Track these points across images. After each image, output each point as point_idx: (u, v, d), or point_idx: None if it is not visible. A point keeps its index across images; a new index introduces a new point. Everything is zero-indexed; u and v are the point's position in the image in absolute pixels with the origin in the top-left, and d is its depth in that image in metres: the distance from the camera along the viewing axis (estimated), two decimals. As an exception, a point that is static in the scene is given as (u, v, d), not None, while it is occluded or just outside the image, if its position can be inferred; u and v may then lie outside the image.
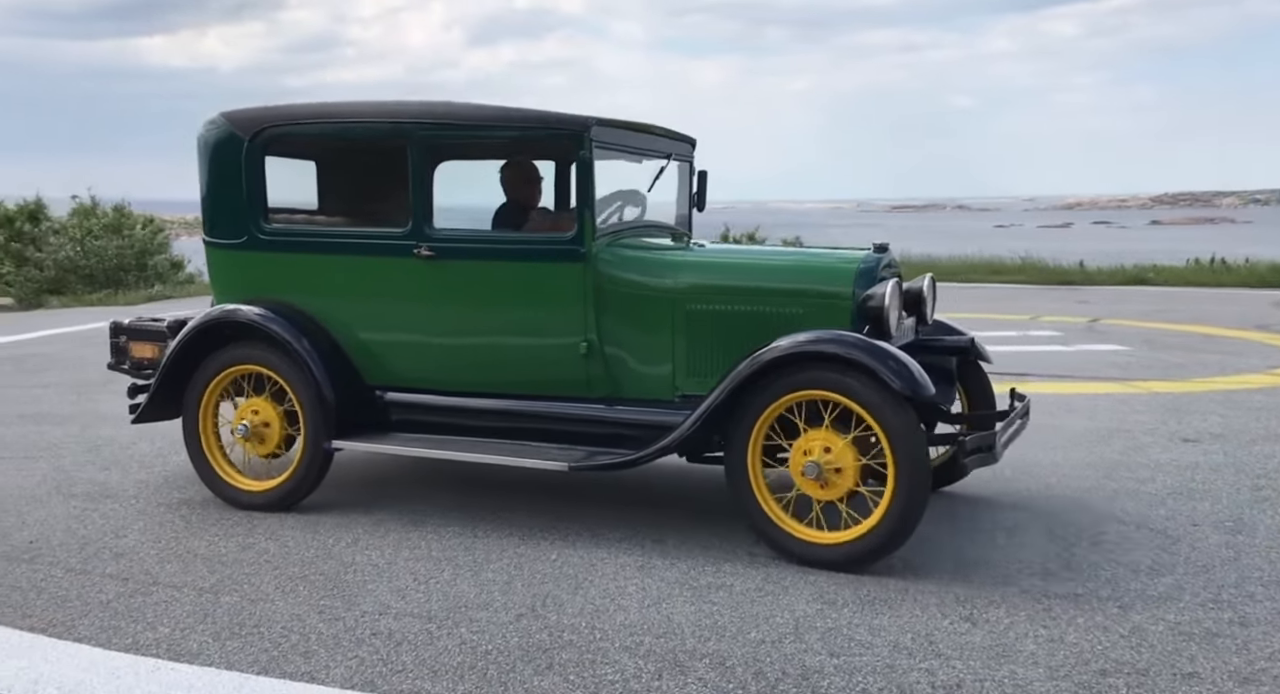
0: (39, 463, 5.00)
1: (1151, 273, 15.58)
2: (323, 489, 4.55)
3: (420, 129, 4.11)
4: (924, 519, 4.11)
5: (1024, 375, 7.42)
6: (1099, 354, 8.45)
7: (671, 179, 4.71)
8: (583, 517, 4.15)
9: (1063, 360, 8.12)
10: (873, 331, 3.70)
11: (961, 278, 15.85)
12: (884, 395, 3.40)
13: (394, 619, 3.14)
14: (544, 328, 4.05)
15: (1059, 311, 11.55)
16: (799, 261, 4.21)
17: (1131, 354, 8.42)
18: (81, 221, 16.46)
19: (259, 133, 4.33)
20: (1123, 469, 4.89)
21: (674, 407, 3.90)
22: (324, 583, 3.45)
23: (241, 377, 4.35)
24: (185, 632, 3.04)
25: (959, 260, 17.24)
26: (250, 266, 4.41)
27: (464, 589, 3.39)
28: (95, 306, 12.92)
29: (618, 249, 4.06)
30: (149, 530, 3.99)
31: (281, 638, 3.00)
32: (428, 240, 4.10)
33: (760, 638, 3.00)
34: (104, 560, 3.65)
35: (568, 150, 4.07)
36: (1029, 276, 15.58)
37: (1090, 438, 5.51)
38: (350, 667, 2.81)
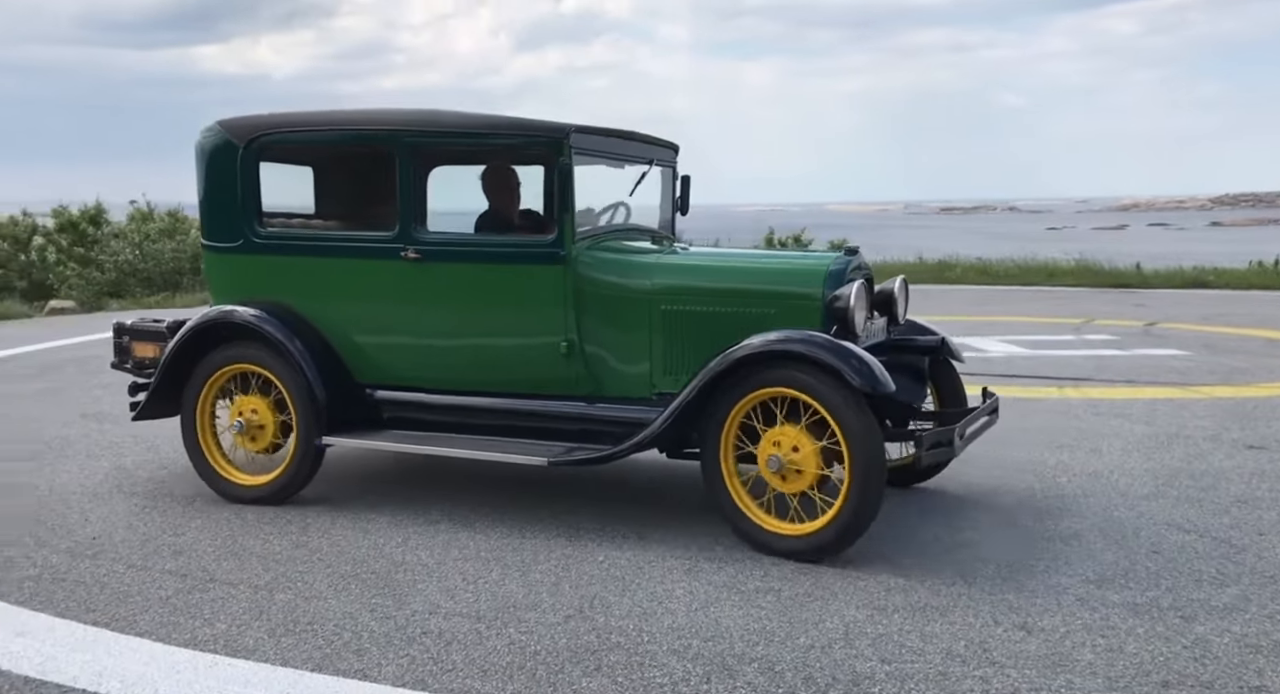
0: (101, 461, 5.14)
1: (1211, 275, 15.17)
2: (372, 489, 4.62)
3: (407, 136, 4.25)
4: (976, 525, 4.04)
5: (1080, 380, 7.27)
6: (1157, 358, 8.24)
7: (655, 184, 4.82)
8: (629, 519, 4.15)
9: (1119, 365, 7.94)
10: (840, 331, 3.82)
11: (1014, 280, 15.59)
12: (843, 395, 3.53)
13: (444, 618, 3.17)
14: (526, 328, 4.18)
15: (1114, 315, 11.29)
16: (772, 264, 4.36)
17: (1191, 358, 8.21)
18: (139, 226, 16.91)
19: (253, 140, 4.48)
20: (1184, 476, 4.76)
21: (652, 404, 4.01)
22: (375, 581, 3.49)
23: (237, 375, 4.49)
24: (241, 628, 3.09)
25: (1011, 263, 16.96)
26: (246, 269, 4.56)
27: (512, 589, 3.41)
28: (154, 308, 13.26)
29: (597, 252, 4.19)
30: (206, 528, 4.08)
31: (334, 635, 3.04)
32: (415, 243, 4.24)
33: (809, 643, 2.97)
34: (163, 557, 3.74)
35: (548, 157, 4.16)
36: (1083, 279, 15.26)
37: (1149, 444, 5.38)
38: (401, 665, 2.84)
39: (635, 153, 4.64)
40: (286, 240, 4.57)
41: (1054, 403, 6.53)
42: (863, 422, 3.52)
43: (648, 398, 4.07)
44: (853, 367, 3.53)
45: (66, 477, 4.83)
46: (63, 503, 4.40)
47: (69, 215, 16.80)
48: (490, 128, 4.26)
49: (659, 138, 4.77)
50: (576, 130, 4.09)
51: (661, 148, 4.82)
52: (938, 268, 17.08)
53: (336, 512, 4.29)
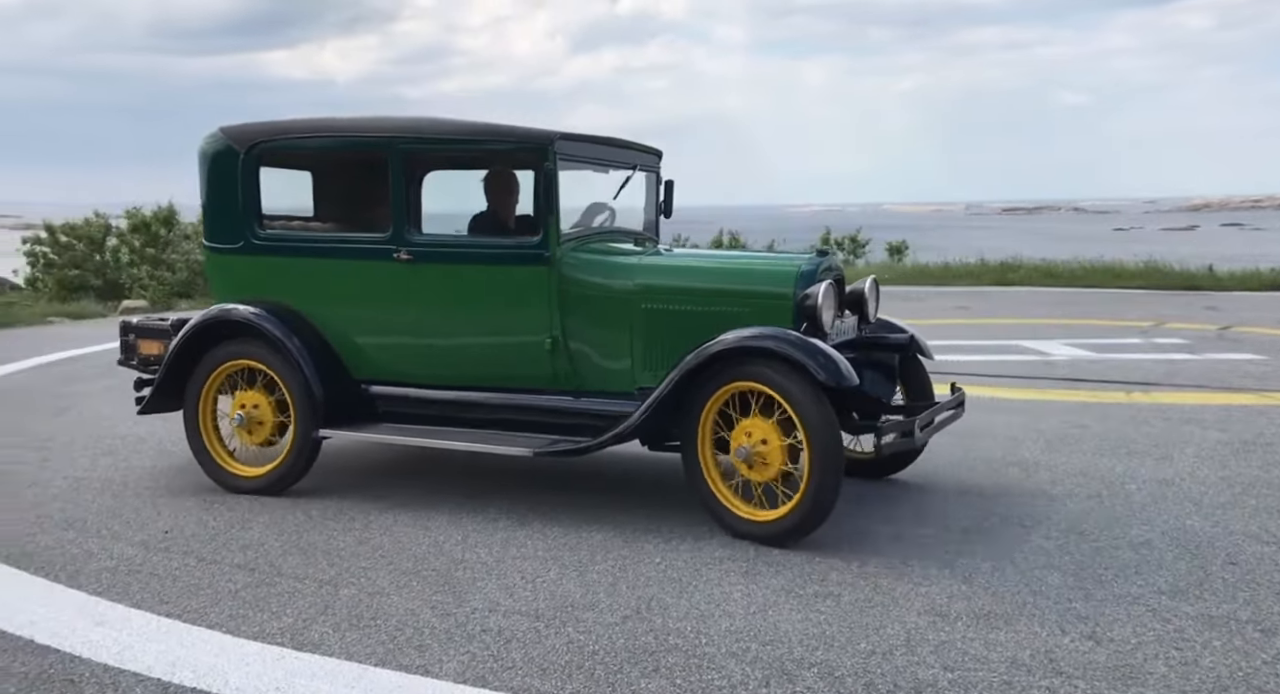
0: (172, 457, 5.28)
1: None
2: (431, 488, 4.68)
3: (401, 142, 4.43)
4: (1041, 532, 3.95)
5: (1149, 385, 7.07)
6: (1231, 363, 7.97)
7: (639, 188, 4.99)
8: (686, 520, 4.14)
9: (1191, 369, 7.70)
10: (810, 329, 3.98)
11: (1079, 282, 15.22)
12: (804, 390, 3.71)
13: (503, 616, 3.20)
14: (513, 326, 4.36)
15: (1186, 318, 10.95)
16: (746, 265, 4.50)
17: (1268, 363, 7.92)
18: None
19: (254, 146, 4.68)
20: (1261, 485, 4.60)
21: (633, 399, 4.17)
22: (436, 579, 3.54)
23: (237, 371, 4.66)
24: (307, 622, 3.16)
25: (1076, 264, 16.56)
26: (246, 269, 4.74)
27: (570, 589, 3.43)
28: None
29: (580, 253, 4.36)
30: (272, 524, 4.17)
31: (397, 631, 3.09)
32: (407, 245, 4.42)
33: (870, 649, 2.94)
34: (231, 551, 3.83)
35: (535, 162, 4.29)
36: (1151, 281, 14.83)
37: (1224, 451, 5.21)
38: (462, 661, 2.88)
39: (620, 159, 4.81)
40: (285, 242, 4.76)
41: (1122, 408, 6.36)
42: (822, 414, 3.70)
43: (629, 393, 4.22)
44: (818, 362, 3.70)
45: (140, 472, 4.98)
46: (136, 497, 4.54)
47: (142, 217, 17.33)
48: (480, 135, 4.44)
49: (643, 144, 4.96)
50: (561, 137, 4.25)
51: (645, 154, 4.99)
52: (1000, 269, 16.75)
53: (398, 509, 4.36)
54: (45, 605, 3.26)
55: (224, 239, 4.78)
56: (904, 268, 19.06)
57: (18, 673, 2.79)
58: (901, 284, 17.01)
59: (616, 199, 4.82)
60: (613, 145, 4.73)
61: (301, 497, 4.53)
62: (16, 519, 4.18)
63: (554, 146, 4.20)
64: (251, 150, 4.67)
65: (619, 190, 4.84)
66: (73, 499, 4.48)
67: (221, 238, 4.79)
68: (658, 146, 5.11)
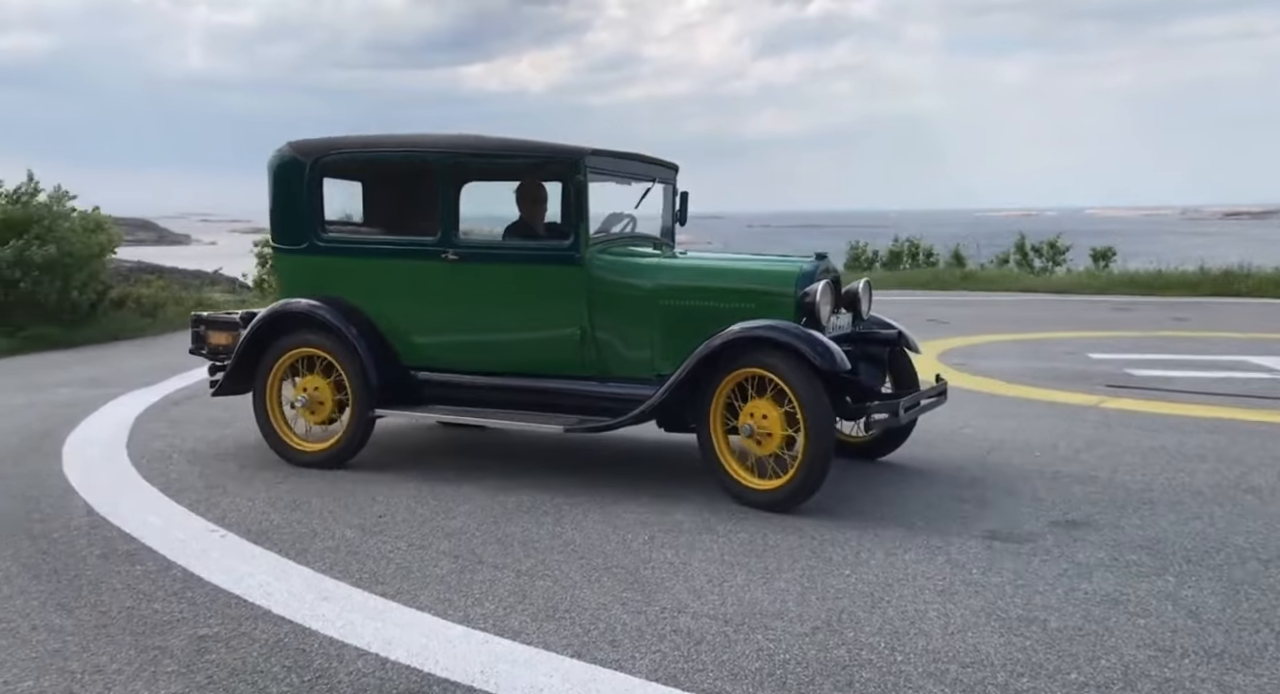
0: (384, 448, 5.65)
1: None
2: (618, 486, 4.79)
3: (446, 157, 4.98)
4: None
5: None
6: None
7: (658, 199, 5.51)
8: (877, 532, 4.05)
9: None
10: (809, 322, 4.48)
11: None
12: (801, 375, 4.20)
13: (692, 618, 3.23)
14: (546, 319, 4.88)
15: None
16: (753, 267, 5.01)
17: None
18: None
19: (318, 159, 5.24)
20: None
21: (652, 384, 4.66)
22: (625, 576, 3.62)
23: (300, 358, 5.18)
24: (507, 610, 3.31)
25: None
26: (309, 268, 5.29)
27: (758, 596, 3.42)
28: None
29: (606, 255, 4.89)
30: (473, 514, 4.40)
31: (590, 625, 3.18)
32: (453, 247, 4.95)
33: (1083, 681, 2.76)
34: (437, 538, 4.07)
35: (567, 174, 4.81)
36: None
37: None
38: (654, 660, 2.93)
39: (641, 172, 5.34)
40: (345, 244, 5.31)
41: None
42: (816, 396, 4.19)
43: (649, 378, 4.71)
44: (815, 350, 4.21)
45: (360, 461, 5.34)
46: (353, 484, 4.90)
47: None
48: (519, 150, 5.02)
49: (661, 159, 5.47)
50: (592, 153, 4.77)
51: (664, 168, 5.53)
52: (1223, 279, 15.35)
53: (588, 506, 4.49)
54: (278, 578, 3.58)
55: (290, 241, 5.35)
56: (1109, 275, 17.80)
57: (259, 639, 3.07)
58: (1109, 293, 15.89)
59: (637, 208, 5.34)
60: (635, 160, 5.25)
61: (499, 491, 4.75)
62: (252, 500, 4.61)
63: (585, 161, 4.72)
64: (316, 163, 5.23)
65: (639, 200, 5.35)
66: (298, 484, 4.89)
67: (288, 240, 5.36)
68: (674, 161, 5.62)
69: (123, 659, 2.92)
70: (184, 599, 3.38)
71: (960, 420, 6.41)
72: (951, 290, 17.48)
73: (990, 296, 16.39)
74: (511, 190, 5.31)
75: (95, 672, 2.84)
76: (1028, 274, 19.09)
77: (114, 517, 4.30)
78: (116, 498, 4.59)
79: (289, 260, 5.42)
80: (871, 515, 4.32)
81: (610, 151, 4.96)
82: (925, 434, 6.02)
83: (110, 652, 2.97)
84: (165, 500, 4.56)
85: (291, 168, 5.29)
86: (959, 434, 6.02)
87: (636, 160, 5.28)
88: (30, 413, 6.52)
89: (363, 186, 5.72)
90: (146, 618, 3.22)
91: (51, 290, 10.55)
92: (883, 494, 4.69)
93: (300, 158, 5.25)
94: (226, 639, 3.06)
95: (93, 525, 4.20)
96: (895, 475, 5.05)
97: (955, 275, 18.69)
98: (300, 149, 5.28)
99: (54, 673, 2.83)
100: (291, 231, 5.34)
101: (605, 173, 5.01)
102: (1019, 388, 7.65)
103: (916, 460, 5.36)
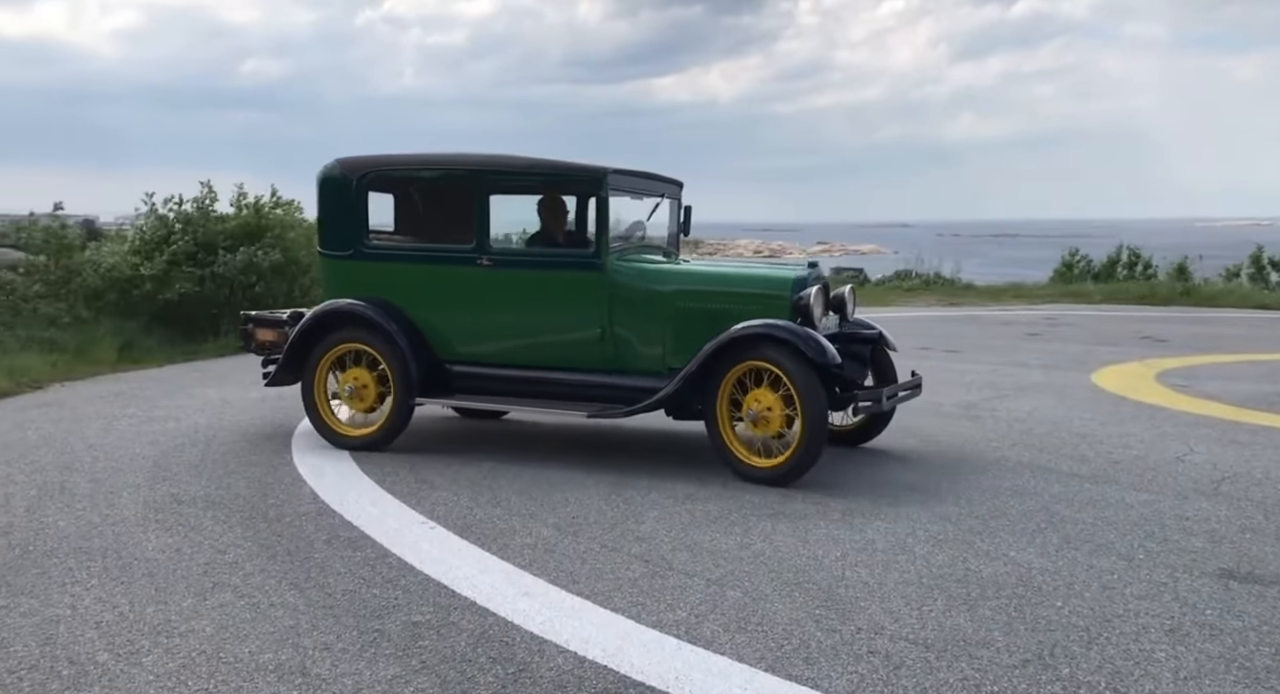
0: (574, 448, 5.83)
1: None
2: (808, 499, 4.71)
3: (482, 173, 5.54)
4: None
5: None
6: None
7: (665, 212, 6.10)
8: (1090, 563, 3.79)
9: None
10: (803, 322, 5.08)
11: None
12: (798, 365, 4.83)
13: (889, 640, 3.13)
14: (570, 319, 5.45)
15: None
16: (753, 273, 5.65)
17: None
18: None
19: (365, 174, 5.79)
20: None
21: (664, 376, 5.27)
22: (818, 593, 3.55)
23: (346, 353, 5.72)
24: (699, 618, 3.32)
25: None
26: (355, 272, 5.82)
27: (959, 622, 3.27)
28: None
29: (624, 262, 5.48)
30: (662, 519, 4.45)
31: (784, 639, 3.14)
32: (488, 254, 5.53)
33: (1342, 746, 2.47)
34: (628, 541, 4.14)
35: (589, 191, 5.50)
36: None
37: None
38: (851, 680, 2.86)
39: (652, 189, 5.93)
40: (387, 250, 5.91)
41: None
42: (812, 385, 4.81)
43: (661, 372, 5.31)
44: (809, 345, 4.83)
45: (554, 463, 5.54)
46: (548, 483, 5.08)
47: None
48: (548, 169, 5.63)
49: (670, 177, 6.10)
50: (613, 172, 5.37)
51: (672, 184, 6.13)
52: None
53: (776, 518, 4.45)
54: (482, 572, 3.75)
55: (337, 247, 5.88)
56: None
57: (466, 629, 3.24)
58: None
59: (650, 220, 5.94)
60: (648, 178, 5.85)
61: (687, 499, 4.78)
62: (457, 496, 4.87)
63: (607, 179, 5.32)
64: (363, 178, 5.78)
65: (650, 214, 5.94)
66: (498, 482, 5.11)
67: (335, 247, 5.90)
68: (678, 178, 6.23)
69: (347, 639, 3.15)
70: (399, 586, 3.61)
71: (1183, 447, 5.91)
72: (1168, 306, 16.14)
73: (1214, 313, 15.01)
74: (522, 202, 5.94)
75: (323, 649, 3.08)
76: (1259, 290, 17.34)
77: (336, 505, 4.65)
78: (338, 487, 4.97)
79: (335, 265, 5.93)
80: (1084, 544, 4.05)
81: (627, 170, 5.57)
82: (1142, 460, 5.59)
83: (336, 631, 3.21)
84: (381, 492, 4.89)
85: (339, 182, 5.82)
86: (1182, 462, 5.55)
87: (649, 178, 5.86)
88: (264, 406, 7.15)
89: (396, 199, 6.21)
90: (366, 602, 3.47)
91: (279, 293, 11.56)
92: (1095, 522, 4.38)
93: (348, 173, 5.80)
94: (437, 627, 3.24)
95: (319, 512, 4.56)
96: (1110, 501, 4.71)
97: (1174, 290, 17.21)
98: (348, 165, 5.82)
99: (289, 648, 3.09)
100: (338, 239, 5.88)
101: (622, 189, 5.57)
102: (1253, 414, 6.96)
103: (1135, 486, 4.98)
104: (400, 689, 2.81)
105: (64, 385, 8.17)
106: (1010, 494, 4.86)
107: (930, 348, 10.62)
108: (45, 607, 3.41)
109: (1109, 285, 18.32)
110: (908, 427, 6.43)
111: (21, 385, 7.96)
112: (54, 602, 3.46)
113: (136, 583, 3.64)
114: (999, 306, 16.28)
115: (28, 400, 7.50)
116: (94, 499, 4.77)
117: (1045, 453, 5.77)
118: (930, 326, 13.09)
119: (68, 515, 4.50)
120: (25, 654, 3.03)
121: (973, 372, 8.89)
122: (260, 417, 6.81)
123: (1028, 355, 10.13)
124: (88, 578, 3.69)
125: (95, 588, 3.58)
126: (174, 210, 11.47)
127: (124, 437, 6.16)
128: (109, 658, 3.00)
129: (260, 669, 2.93)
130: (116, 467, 5.41)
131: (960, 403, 7.37)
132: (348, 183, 5.82)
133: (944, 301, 17.20)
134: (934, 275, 20.08)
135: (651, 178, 5.92)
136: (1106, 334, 12.12)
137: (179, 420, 6.68)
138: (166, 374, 8.96)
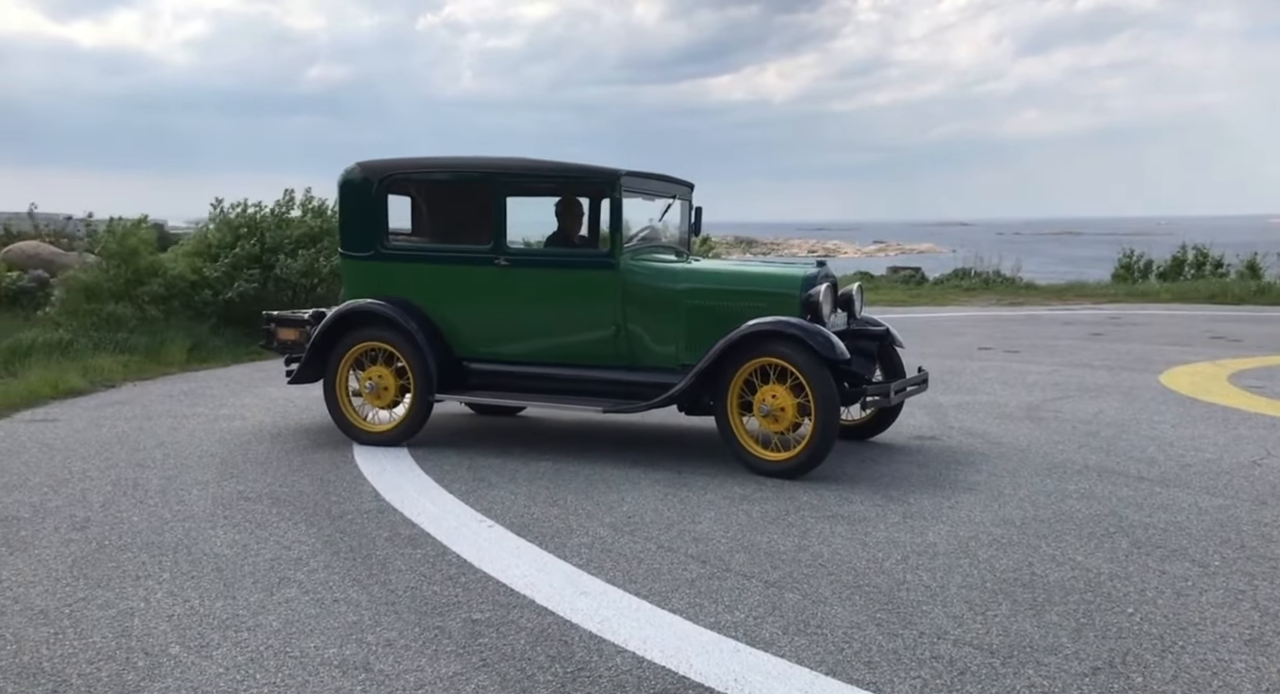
0: (629, 447, 5.84)
1: None
2: (865, 501, 4.65)
3: (499, 176, 5.66)
4: None
5: None
6: None
7: (677, 213, 6.24)
8: (1162, 569, 3.67)
9: None
10: (812, 319, 5.20)
11: None
12: (810, 361, 4.94)
13: (953, 645, 3.07)
14: (585, 316, 5.57)
15: None
16: (764, 271, 5.75)
17: None
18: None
19: (385, 177, 5.90)
20: None
21: (677, 372, 5.38)
22: (878, 596, 3.50)
23: (366, 351, 5.83)
24: (757, 620, 3.30)
25: None
26: (375, 272, 5.94)
27: (1025, 628, 3.20)
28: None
29: (637, 261, 5.59)
30: (719, 520, 4.43)
31: (844, 643, 3.11)
32: (504, 254, 5.65)
33: None
34: (685, 542, 4.13)
35: (604, 192, 5.67)
36: None
37: None
38: (914, 686, 2.81)
39: (664, 190, 6.04)
40: (407, 251, 6.02)
41: None
42: (824, 380, 4.93)
43: (674, 368, 5.43)
44: (819, 341, 4.95)
45: (609, 461, 5.56)
46: (604, 483, 5.09)
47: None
48: (563, 171, 5.79)
49: (681, 178, 6.22)
50: (627, 174, 5.49)
51: (683, 186, 6.25)
52: None
53: (834, 520, 4.40)
54: (540, 571, 3.77)
55: (358, 248, 5.99)
56: None
57: (525, 627, 3.26)
58: None
59: (662, 220, 6.07)
60: (659, 179, 5.94)
61: (743, 500, 4.75)
62: (514, 494, 4.90)
63: (621, 181, 5.44)
64: (383, 181, 5.89)
65: (662, 214, 6.08)
66: (554, 480, 5.14)
67: (356, 247, 6.01)
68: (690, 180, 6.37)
69: (409, 636, 3.19)
70: (459, 584, 3.65)
71: (1259, 451, 5.71)
72: (1241, 305, 15.61)
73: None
74: (536, 203, 6.07)
75: (386, 646, 3.12)
76: (1339, 288, 16.69)
77: (397, 502, 4.72)
78: (399, 485, 5.04)
79: (356, 265, 6.02)
80: (1155, 549, 3.93)
81: (640, 173, 5.67)
82: (1215, 463, 5.42)
83: (399, 627, 3.26)
84: (440, 490, 4.95)
85: (361, 185, 5.93)
86: (1258, 466, 5.36)
87: (661, 179, 5.96)
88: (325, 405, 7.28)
89: (413, 201, 6.30)
90: (427, 599, 3.51)
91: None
92: (1167, 527, 4.25)
93: (369, 176, 5.91)
94: (497, 625, 3.27)
95: (380, 510, 4.63)
96: (1181, 506, 4.57)
97: (1248, 289, 16.64)
98: (368, 169, 5.93)
99: (353, 644, 3.14)
100: (359, 240, 5.98)
101: (635, 191, 5.68)
102: (1333, 416, 6.70)
103: (1209, 490, 4.82)
104: (461, 686, 2.84)
105: (136, 384, 8.43)
106: (1076, 497, 4.75)
107: (991, 348, 10.42)
108: (120, 599, 3.52)
109: (1176, 285, 17.79)
110: (969, 427, 6.32)
111: (96, 385, 8.23)
112: (128, 595, 3.56)
113: (206, 578, 3.73)
114: (1061, 306, 15.91)
115: (102, 399, 7.74)
116: (165, 495, 4.90)
117: (1112, 455, 5.62)
118: (990, 326, 12.84)
119: (140, 511, 4.63)
120: (103, 645, 3.13)
121: (1035, 372, 8.69)
122: (322, 414, 6.91)
123: (1092, 355, 9.88)
124: (159, 572, 3.79)
125: (167, 582, 3.69)
126: (241, 215, 11.73)
127: (193, 434, 6.33)
128: (181, 650, 3.08)
129: (325, 664, 2.99)
130: (185, 463, 5.56)
131: (1023, 404, 7.21)
132: (368, 185, 5.94)
133: (1004, 301, 16.87)
134: (994, 274, 19.69)
135: (663, 179, 6.02)
136: (1175, 334, 11.76)
137: (244, 419, 6.84)
138: (233, 373, 9.19)
